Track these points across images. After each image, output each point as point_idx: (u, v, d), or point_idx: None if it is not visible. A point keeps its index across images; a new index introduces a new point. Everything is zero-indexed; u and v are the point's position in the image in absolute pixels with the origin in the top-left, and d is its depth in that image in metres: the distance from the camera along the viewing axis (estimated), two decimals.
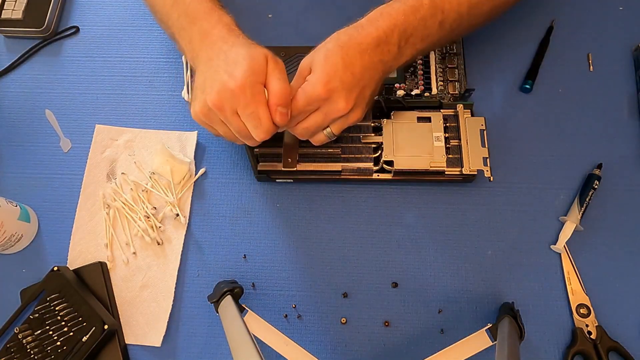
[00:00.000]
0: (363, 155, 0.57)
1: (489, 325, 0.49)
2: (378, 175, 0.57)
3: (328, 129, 0.50)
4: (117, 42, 0.69)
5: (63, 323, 0.53)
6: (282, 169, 0.56)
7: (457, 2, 0.50)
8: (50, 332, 0.53)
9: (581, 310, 0.53)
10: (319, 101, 0.47)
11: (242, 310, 0.49)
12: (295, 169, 0.56)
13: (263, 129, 0.46)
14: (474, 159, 0.55)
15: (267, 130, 0.46)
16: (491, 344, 0.48)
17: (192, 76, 0.50)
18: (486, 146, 0.56)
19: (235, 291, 0.51)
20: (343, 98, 0.47)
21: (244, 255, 0.58)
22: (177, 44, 0.55)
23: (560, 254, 0.55)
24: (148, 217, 0.59)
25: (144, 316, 0.56)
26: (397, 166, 0.55)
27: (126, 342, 0.55)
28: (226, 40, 0.48)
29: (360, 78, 0.47)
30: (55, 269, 0.56)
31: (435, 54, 0.61)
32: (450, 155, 0.56)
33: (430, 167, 0.55)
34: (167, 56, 0.67)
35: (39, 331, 0.53)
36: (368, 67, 0.47)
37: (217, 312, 0.50)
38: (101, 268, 0.57)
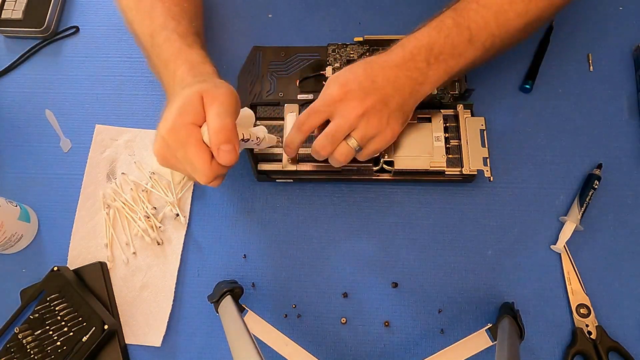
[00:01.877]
0: None
1: (489, 325, 0.49)
2: (378, 175, 0.57)
3: (352, 139, 0.48)
4: (117, 42, 0.69)
5: (63, 323, 0.53)
6: (282, 169, 0.56)
7: (483, 22, 0.49)
8: (50, 332, 0.53)
9: (581, 310, 0.53)
10: (334, 102, 0.47)
11: (242, 310, 0.49)
12: (295, 168, 0.56)
13: (200, 173, 0.43)
14: (474, 159, 0.55)
15: (205, 174, 0.42)
16: (491, 344, 0.48)
17: None
18: (486, 146, 0.55)
19: (235, 291, 0.51)
20: (357, 99, 0.47)
21: (244, 255, 0.58)
22: (162, 85, 0.53)
23: (560, 254, 0.55)
24: (148, 217, 0.59)
25: (144, 316, 0.56)
26: (397, 166, 0.55)
27: (126, 342, 0.55)
28: (182, 82, 0.47)
29: (382, 87, 0.47)
30: (55, 269, 0.56)
31: None
32: (450, 155, 0.56)
33: (430, 167, 0.55)
34: None
35: (39, 331, 0.53)
36: (392, 80, 0.48)
37: (217, 312, 0.50)
38: (101, 268, 0.57)
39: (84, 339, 0.52)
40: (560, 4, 0.53)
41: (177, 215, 0.59)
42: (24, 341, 0.52)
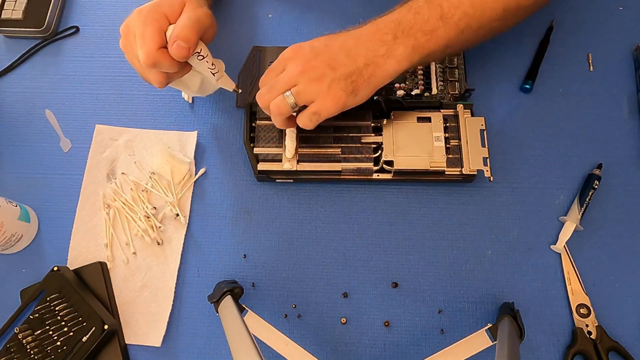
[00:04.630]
0: (363, 155, 0.57)
1: (489, 325, 0.49)
2: (378, 175, 0.57)
3: (289, 94, 0.49)
4: (117, 42, 0.68)
5: (63, 323, 0.53)
6: (282, 169, 0.56)
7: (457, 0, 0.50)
8: (50, 332, 0.53)
9: (581, 310, 0.53)
10: (285, 60, 0.50)
11: (242, 310, 0.49)
12: (295, 168, 0.56)
13: (144, 50, 0.47)
14: (474, 159, 0.55)
15: (148, 53, 0.47)
16: (491, 344, 0.48)
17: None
18: (486, 146, 0.56)
19: (235, 291, 0.51)
20: (303, 58, 0.49)
21: (244, 255, 0.58)
22: None
23: (560, 254, 0.55)
24: (148, 217, 0.59)
25: (144, 316, 0.56)
26: (397, 166, 0.55)
27: (126, 342, 0.55)
28: None
29: (333, 51, 0.49)
30: (55, 269, 0.56)
31: None
32: (450, 155, 0.56)
33: (430, 167, 0.55)
34: None
35: (39, 331, 0.53)
36: (347, 48, 0.49)
37: (217, 312, 0.50)
38: (101, 268, 0.57)
39: (84, 339, 0.52)
40: None
41: (177, 215, 0.59)
42: (24, 341, 0.52)
